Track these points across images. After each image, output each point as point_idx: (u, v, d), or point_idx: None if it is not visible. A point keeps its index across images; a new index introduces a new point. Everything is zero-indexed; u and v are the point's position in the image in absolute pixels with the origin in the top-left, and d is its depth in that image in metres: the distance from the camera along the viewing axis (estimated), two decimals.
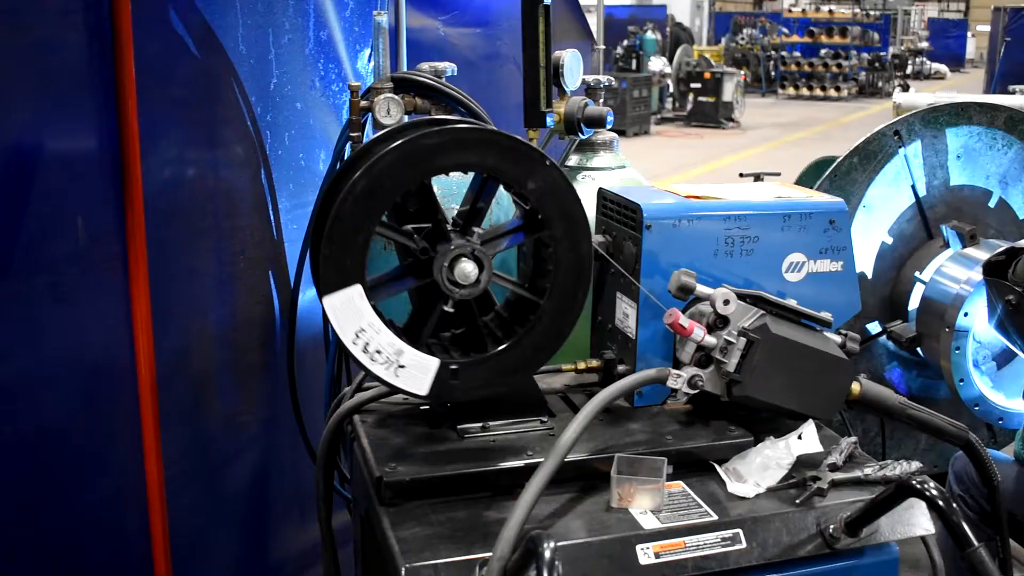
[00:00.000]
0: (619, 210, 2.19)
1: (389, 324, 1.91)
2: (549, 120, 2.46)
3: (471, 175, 1.97)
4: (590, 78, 2.76)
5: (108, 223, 2.28)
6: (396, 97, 2.37)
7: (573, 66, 2.59)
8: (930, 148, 3.71)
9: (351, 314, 1.78)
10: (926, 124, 3.70)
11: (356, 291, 1.77)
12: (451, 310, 1.89)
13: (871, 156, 3.64)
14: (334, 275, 1.77)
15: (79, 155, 2.24)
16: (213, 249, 2.62)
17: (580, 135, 2.66)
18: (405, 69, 3.00)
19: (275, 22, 2.72)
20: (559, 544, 1.66)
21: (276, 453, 2.94)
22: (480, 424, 2.03)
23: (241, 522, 2.87)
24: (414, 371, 1.84)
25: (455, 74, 2.56)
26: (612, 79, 3.03)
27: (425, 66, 2.54)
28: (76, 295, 2.26)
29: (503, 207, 2.43)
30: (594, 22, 5.26)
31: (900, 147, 3.66)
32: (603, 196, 2.30)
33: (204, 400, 2.67)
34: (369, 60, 3.07)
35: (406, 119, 2.40)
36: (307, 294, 2.76)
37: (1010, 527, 3.06)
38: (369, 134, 2.49)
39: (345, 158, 2.44)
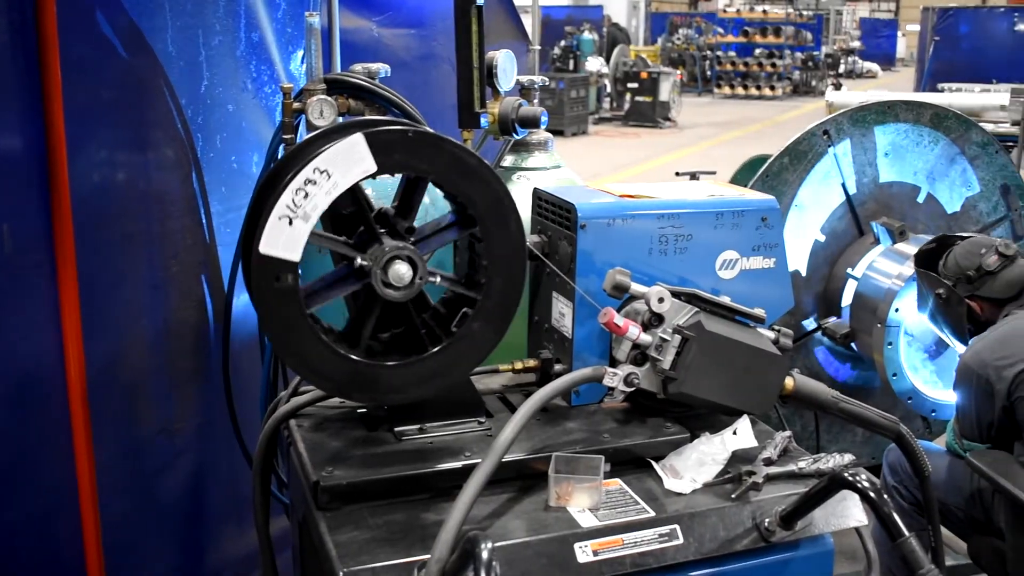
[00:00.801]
0: (554, 210, 2.20)
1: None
2: (483, 121, 2.46)
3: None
4: (524, 79, 2.76)
5: (35, 228, 2.23)
6: (329, 99, 2.36)
7: (507, 67, 2.59)
8: (859, 146, 3.77)
9: (349, 158, 1.75)
10: (854, 123, 3.76)
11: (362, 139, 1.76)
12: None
13: (801, 156, 3.69)
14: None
15: (3, 159, 2.19)
16: (144, 254, 2.58)
17: (514, 135, 2.66)
18: (339, 71, 2.98)
19: (205, 24, 2.69)
20: (497, 544, 1.67)
21: (213, 459, 2.90)
22: (417, 426, 2.02)
23: (177, 530, 2.83)
24: (290, 237, 1.76)
25: (388, 75, 2.55)
26: (546, 79, 3.04)
27: (358, 67, 2.53)
28: (3, 302, 2.21)
29: (439, 207, 2.42)
30: (531, 23, 5.27)
31: (830, 146, 3.72)
32: (538, 196, 2.30)
33: (137, 407, 2.64)
34: (302, 62, 3.05)
35: (340, 121, 2.38)
36: (241, 298, 2.73)
37: (943, 516, 3.13)
38: (303, 136, 2.47)
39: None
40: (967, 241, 3.18)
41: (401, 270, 1.82)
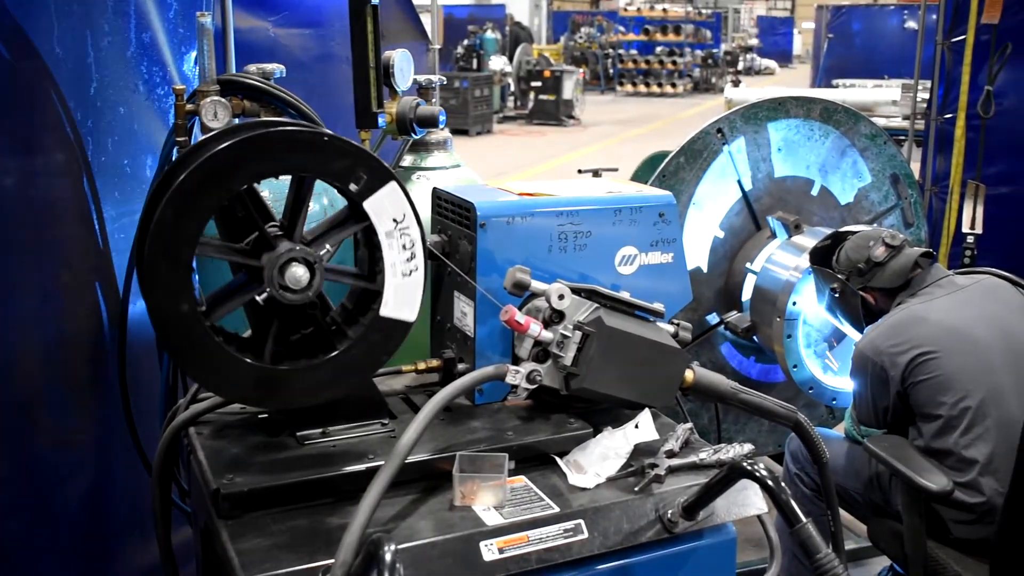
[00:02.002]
0: (454, 209, 2.20)
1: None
2: (381, 121, 2.44)
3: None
4: (422, 78, 2.75)
5: None
6: (223, 100, 2.31)
7: (403, 66, 2.57)
8: (753, 143, 3.84)
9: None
10: (747, 120, 3.83)
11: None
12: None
13: (697, 155, 3.74)
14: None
15: None
16: (34, 262, 2.50)
17: (413, 135, 2.65)
18: (234, 71, 2.93)
19: (93, 24, 2.62)
20: (402, 546, 1.67)
21: (112, 471, 2.83)
22: (320, 430, 2.00)
23: (77, 545, 2.75)
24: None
25: (284, 76, 2.51)
26: (444, 78, 3.03)
27: (253, 68, 2.49)
28: None
29: (337, 207, 2.40)
30: (432, 22, 5.25)
31: (724, 144, 3.77)
32: (437, 196, 2.30)
33: (32, 419, 2.55)
34: (195, 63, 2.99)
35: (236, 122, 2.35)
36: (138, 304, 2.66)
37: (843, 501, 3.21)
38: (197, 139, 2.43)
39: None
40: (856, 235, 3.27)
41: (298, 272, 1.80)
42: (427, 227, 2.26)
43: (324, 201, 2.53)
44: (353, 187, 1.83)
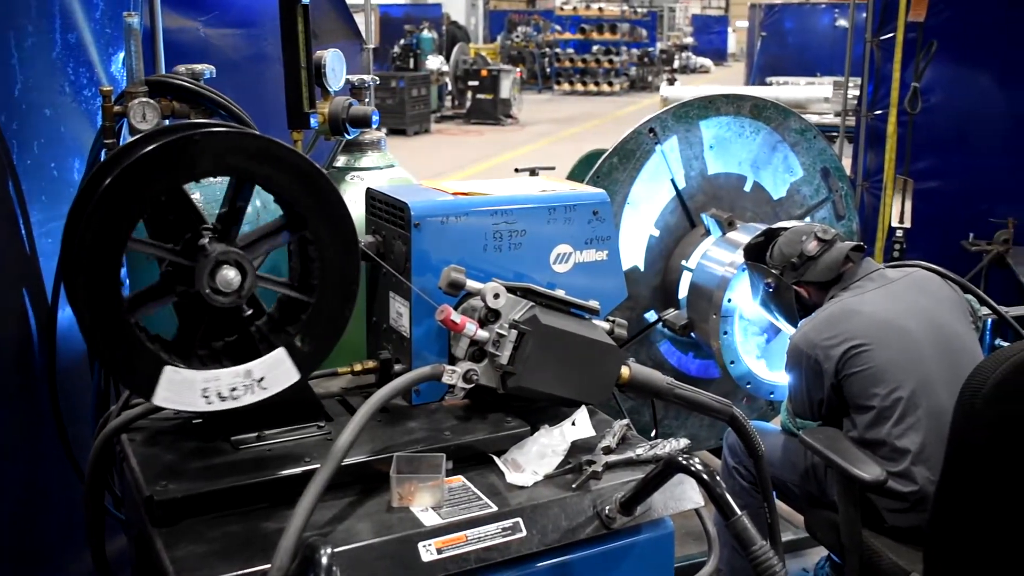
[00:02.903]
0: (388, 209, 2.19)
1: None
2: (313, 121, 2.42)
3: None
4: (354, 78, 2.73)
5: None
6: (152, 101, 2.28)
7: (335, 66, 2.55)
8: (685, 141, 3.87)
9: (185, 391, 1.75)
10: (678, 119, 3.85)
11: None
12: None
13: (630, 155, 3.76)
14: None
15: None
16: None
17: (346, 135, 2.63)
18: (163, 72, 2.89)
19: (16, 25, 2.56)
20: (340, 548, 1.66)
21: (44, 481, 2.77)
22: (255, 434, 1.98)
23: (9, 559, 2.69)
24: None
25: (214, 76, 2.48)
26: (376, 78, 3.01)
27: (182, 68, 2.46)
28: None
29: (272, 211, 2.38)
30: (366, 21, 5.22)
31: (656, 144, 3.79)
32: (371, 196, 2.29)
33: None
34: (124, 64, 2.94)
35: (166, 124, 2.32)
36: (66, 311, 2.61)
37: (780, 492, 3.26)
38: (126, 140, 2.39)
39: None
40: (789, 230, 3.31)
41: (229, 275, 1.78)
42: (361, 228, 2.26)
43: (257, 203, 2.51)
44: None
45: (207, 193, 2.26)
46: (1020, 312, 4.11)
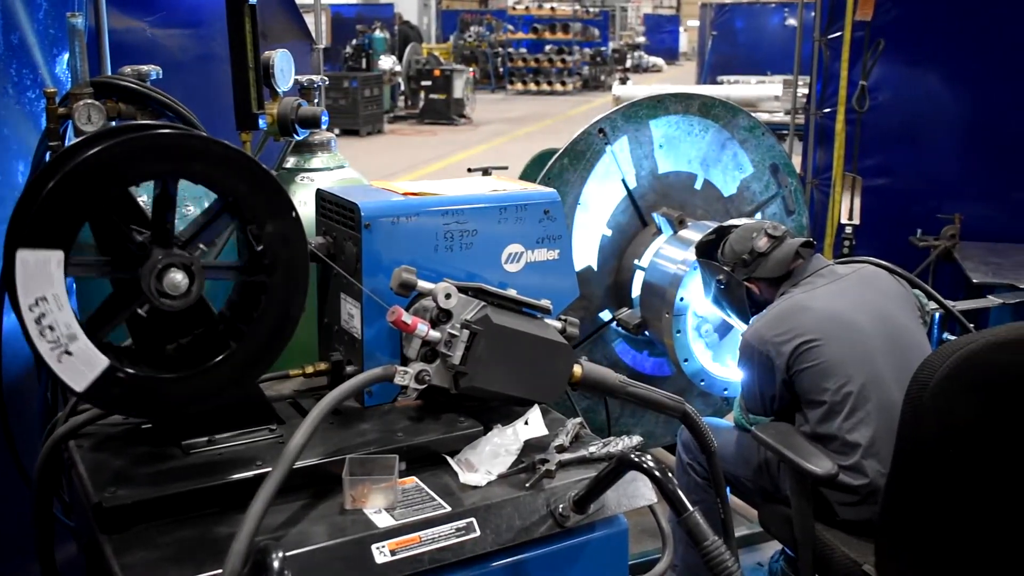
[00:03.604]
0: (338, 210, 2.18)
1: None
2: (262, 122, 2.41)
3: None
4: (303, 78, 2.71)
5: None
6: (97, 103, 2.25)
7: (284, 66, 2.54)
8: (635, 141, 3.88)
9: (40, 277, 1.64)
10: (627, 119, 3.86)
11: (56, 256, 1.64)
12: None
13: (580, 156, 3.77)
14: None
15: None
16: None
17: (295, 136, 2.61)
18: (109, 73, 2.86)
19: None
20: (293, 552, 1.65)
21: None
22: (206, 438, 1.96)
23: None
24: (79, 363, 1.71)
25: (160, 77, 2.45)
26: (326, 78, 3.00)
27: (127, 69, 2.43)
28: None
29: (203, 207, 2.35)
30: (317, 21, 5.19)
31: (607, 144, 3.81)
32: (321, 197, 2.27)
33: None
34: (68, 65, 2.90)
35: (113, 125, 2.29)
36: (11, 317, 2.56)
37: (734, 488, 3.28)
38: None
39: None
40: (740, 227, 3.34)
41: (176, 278, 1.76)
42: (311, 229, 2.25)
43: (205, 204, 2.49)
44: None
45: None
46: (967, 306, 4.19)
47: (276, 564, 1.45)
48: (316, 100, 2.76)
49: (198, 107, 2.47)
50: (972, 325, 3.50)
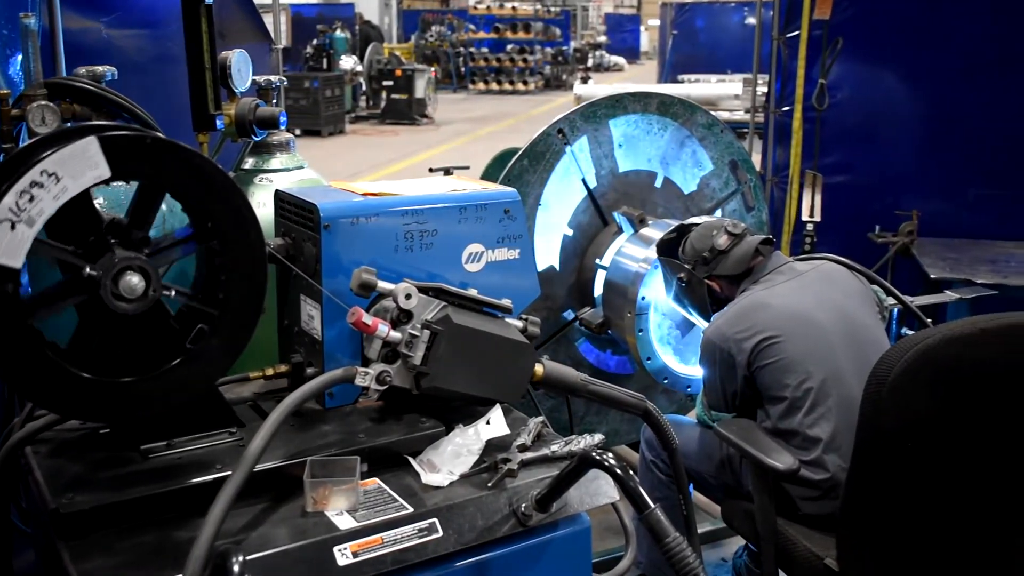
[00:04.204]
0: (297, 211, 2.17)
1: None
2: (219, 123, 2.39)
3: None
4: (261, 78, 2.70)
5: None
6: (51, 104, 2.23)
7: (241, 67, 2.52)
8: (594, 141, 3.89)
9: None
10: (586, 119, 3.87)
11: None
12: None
13: (540, 156, 3.76)
14: None
15: None
16: None
17: (254, 137, 2.60)
18: (64, 74, 2.82)
19: None
20: (254, 555, 1.64)
21: None
22: (165, 442, 1.94)
23: None
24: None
25: (115, 78, 2.43)
26: (284, 79, 2.98)
27: (82, 70, 2.40)
28: None
29: (179, 214, 2.33)
30: (276, 21, 5.16)
31: (566, 144, 3.81)
32: (280, 198, 2.26)
33: None
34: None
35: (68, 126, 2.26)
36: None
37: (698, 484, 3.30)
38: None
39: None
40: (700, 225, 3.36)
41: (132, 281, 1.74)
42: (271, 230, 2.23)
43: (163, 207, 2.46)
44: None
45: (111, 197, 2.21)
46: (925, 301, 4.23)
47: (236, 568, 1.44)
48: (274, 101, 2.74)
49: (154, 108, 2.44)
50: (930, 320, 3.53)
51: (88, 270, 1.73)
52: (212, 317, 1.87)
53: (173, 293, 1.83)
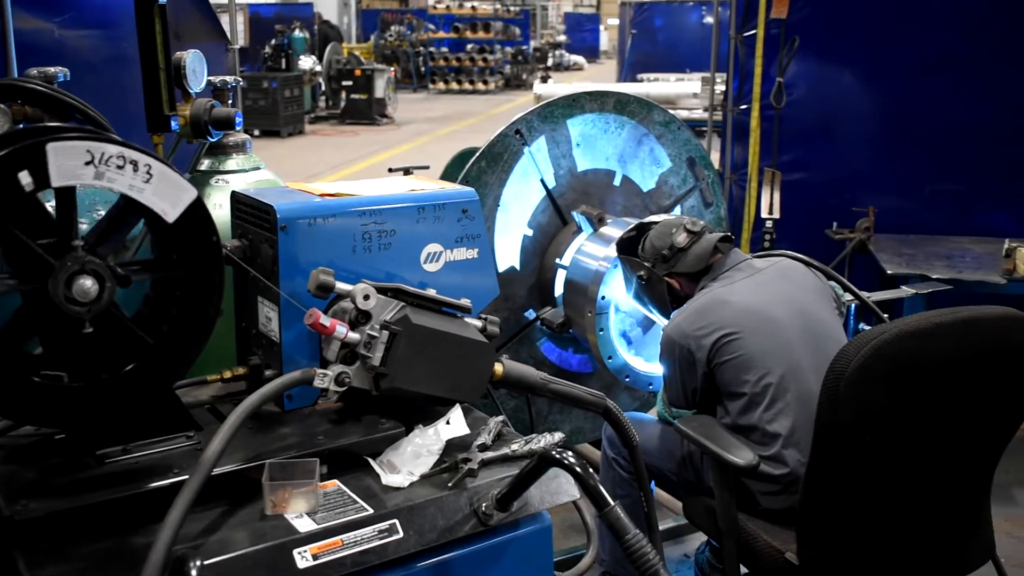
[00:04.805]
0: (253, 213, 2.15)
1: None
2: (174, 124, 2.37)
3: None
4: (216, 79, 2.67)
5: None
6: (2, 106, 2.20)
7: (196, 67, 2.50)
8: (552, 141, 3.89)
9: None
10: (544, 119, 3.87)
11: None
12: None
13: (498, 158, 3.76)
14: None
15: None
16: None
17: (209, 138, 2.58)
18: (16, 75, 2.79)
19: None
20: (213, 560, 1.63)
21: None
22: (121, 447, 1.92)
23: None
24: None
25: (68, 79, 2.40)
26: (240, 79, 2.96)
27: (34, 71, 2.37)
28: None
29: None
30: (232, 21, 5.13)
31: (524, 145, 3.81)
32: (237, 199, 2.24)
33: None
34: None
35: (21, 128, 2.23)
36: None
37: (659, 481, 3.31)
38: None
39: None
40: (660, 223, 3.37)
41: (86, 284, 1.72)
42: (227, 232, 2.22)
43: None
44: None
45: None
46: (881, 297, 4.28)
47: (194, 573, 1.44)
48: (230, 101, 2.72)
49: (109, 110, 2.41)
50: (887, 315, 3.56)
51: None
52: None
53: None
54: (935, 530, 2.63)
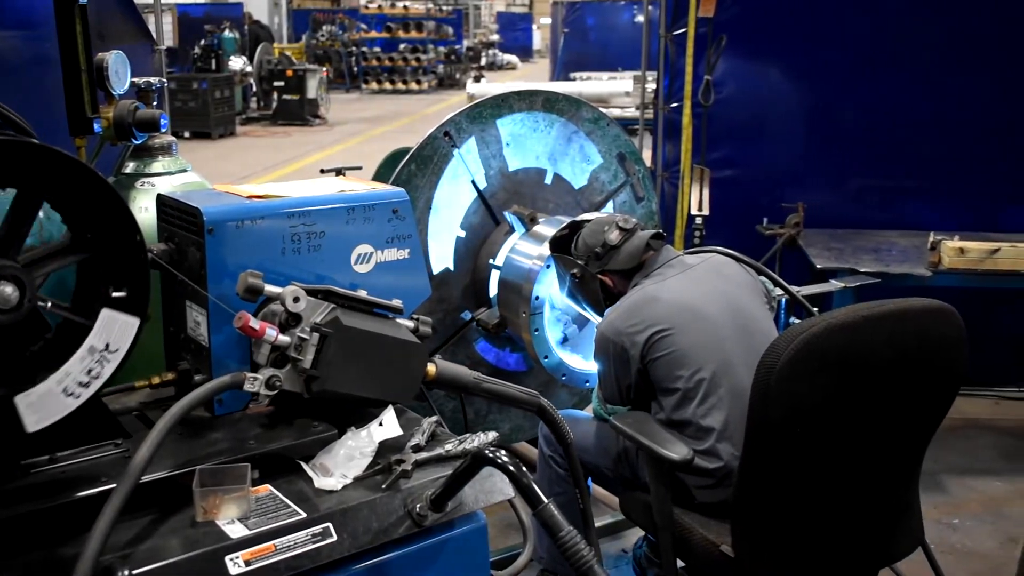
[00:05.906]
0: (180, 216, 2.12)
1: None
2: (97, 126, 2.33)
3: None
4: (140, 80, 2.63)
5: None
6: None
7: (118, 68, 2.46)
8: (482, 141, 3.89)
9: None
10: (473, 120, 3.87)
11: None
12: None
13: (427, 160, 3.75)
14: None
15: None
16: None
17: (134, 140, 2.53)
18: None
19: None
20: (141, 569, 1.61)
21: None
22: (47, 456, 1.88)
23: None
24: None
25: None
26: (165, 80, 2.91)
27: None
28: None
29: (54, 220, 2.26)
30: (158, 21, 5.05)
31: (453, 147, 3.80)
32: (162, 202, 2.21)
33: None
34: None
35: None
36: None
37: (596, 477, 3.33)
38: None
39: None
40: (592, 221, 3.39)
41: (6, 291, 1.68)
42: (153, 235, 2.18)
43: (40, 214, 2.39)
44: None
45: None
46: (811, 291, 4.34)
47: None
48: (155, 103, 2.68)
49: (31, 113, 2.36)
50: (816, 309, 3.61)
51: None
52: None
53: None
54: (866, 519, 2.68)
